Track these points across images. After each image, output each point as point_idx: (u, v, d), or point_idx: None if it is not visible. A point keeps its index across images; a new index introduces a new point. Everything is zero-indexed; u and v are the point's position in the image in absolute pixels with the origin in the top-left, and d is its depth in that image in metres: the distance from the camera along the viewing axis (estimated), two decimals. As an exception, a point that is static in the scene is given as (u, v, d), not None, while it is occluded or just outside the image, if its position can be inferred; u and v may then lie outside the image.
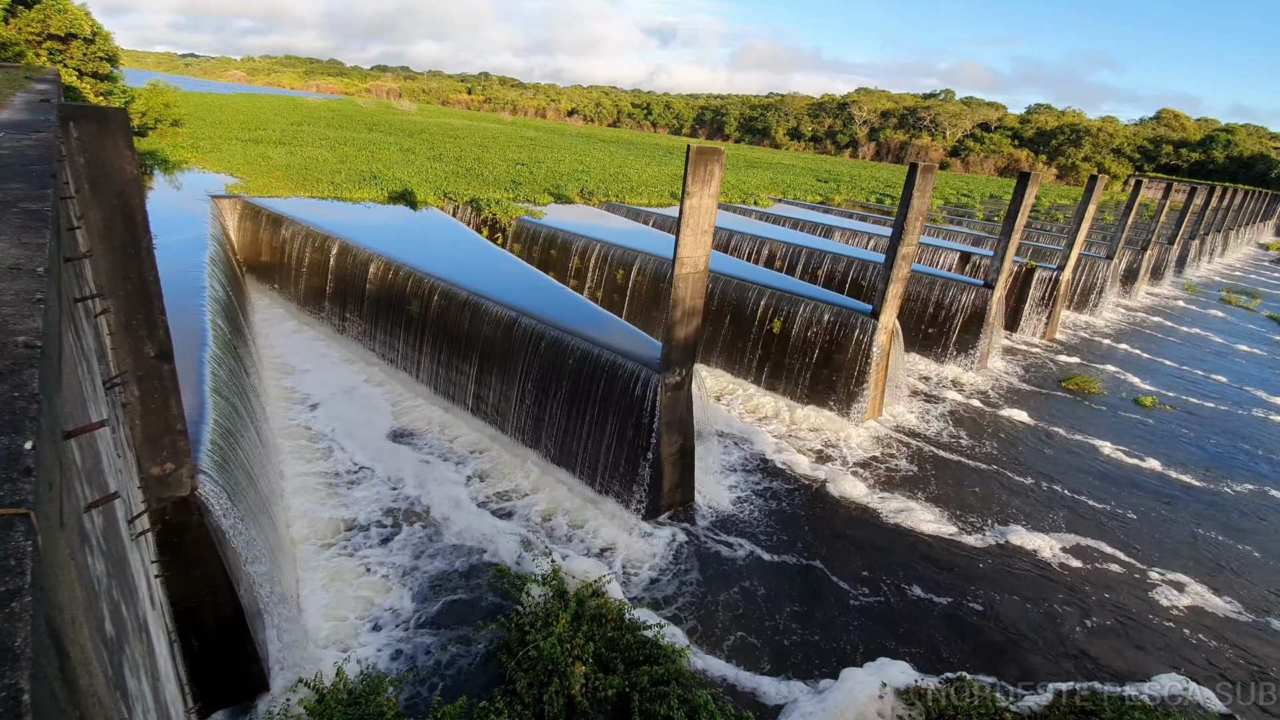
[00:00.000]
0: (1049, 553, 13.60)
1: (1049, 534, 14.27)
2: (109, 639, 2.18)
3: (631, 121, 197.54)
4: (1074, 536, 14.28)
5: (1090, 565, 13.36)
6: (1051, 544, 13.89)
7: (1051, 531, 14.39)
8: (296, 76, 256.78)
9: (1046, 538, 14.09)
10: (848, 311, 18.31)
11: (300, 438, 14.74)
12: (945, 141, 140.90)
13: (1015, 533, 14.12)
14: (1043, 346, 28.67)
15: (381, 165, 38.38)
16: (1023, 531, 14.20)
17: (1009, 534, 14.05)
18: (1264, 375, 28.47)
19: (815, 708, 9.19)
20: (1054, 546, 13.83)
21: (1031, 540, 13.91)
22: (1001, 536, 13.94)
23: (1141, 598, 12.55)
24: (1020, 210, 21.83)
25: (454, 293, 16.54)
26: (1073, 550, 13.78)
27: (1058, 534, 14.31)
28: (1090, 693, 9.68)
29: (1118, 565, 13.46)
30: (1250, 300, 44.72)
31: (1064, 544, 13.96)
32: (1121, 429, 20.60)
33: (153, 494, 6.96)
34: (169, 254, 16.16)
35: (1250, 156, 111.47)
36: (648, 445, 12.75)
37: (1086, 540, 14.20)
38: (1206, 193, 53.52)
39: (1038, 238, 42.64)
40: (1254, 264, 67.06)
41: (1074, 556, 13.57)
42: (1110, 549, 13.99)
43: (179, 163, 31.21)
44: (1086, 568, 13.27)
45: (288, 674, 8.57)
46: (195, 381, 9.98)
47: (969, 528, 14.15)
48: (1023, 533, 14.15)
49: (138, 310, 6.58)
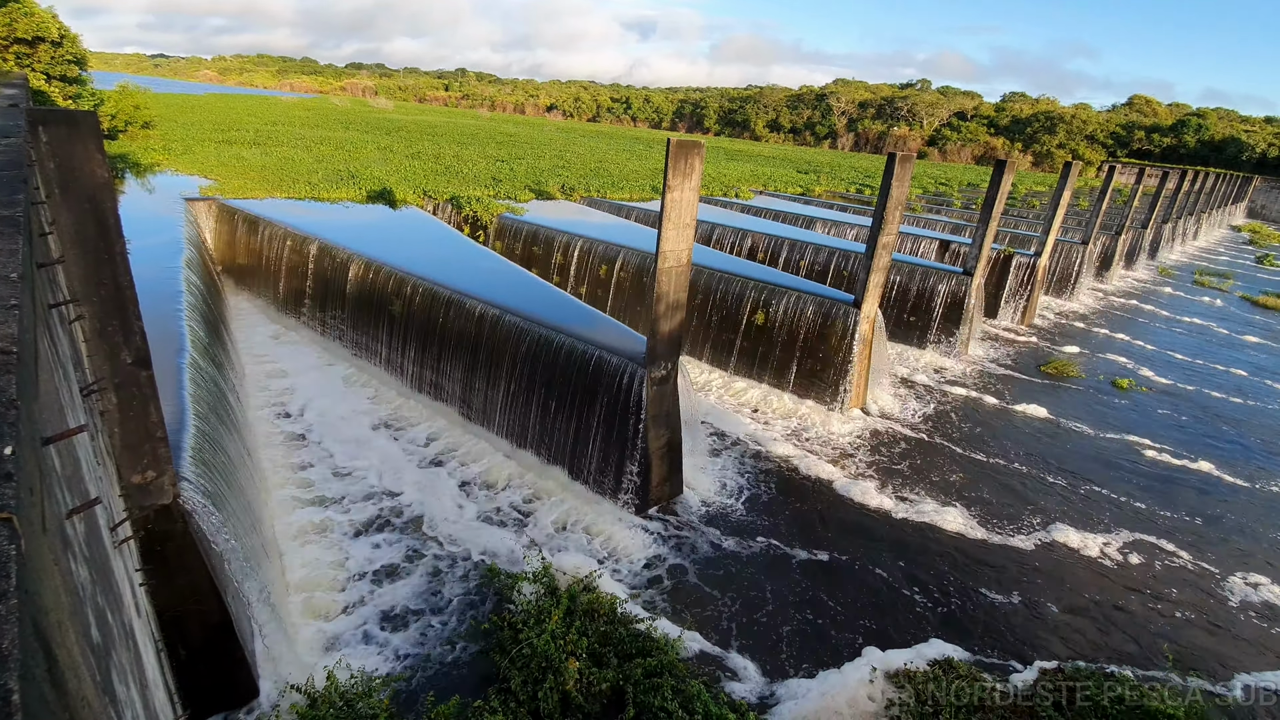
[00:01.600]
0: (1030, 535, 13.85)
1: (1030, 516, 14.53)
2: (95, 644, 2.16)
3: (611, 116, 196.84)
4: (1054, 518, 14.56)
5: (1071, 545, 13.62)
6: (1032, 525, 14.15)
7: (1032, 514, 14.65)
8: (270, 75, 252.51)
9: (1028, 520, 14.36)
10: (830, 302, 18.45)
11: (284, 442, 14.59)
12: (923, 131, 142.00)
13: (996, 515, 14.36)
14: (1022, 332, 29.10)
15: (359, 164, 37.94)
16: (1004, 515, 14.45)
17: (990, 517, 14.29)
18: (1237, 355, 29.12)
19: (806, 693, 9.31)
20: (1034, 528, 14.08)
21: (1012, 523, 14.17)
22: (983, 520, 14.16)
23: (1121, 577, 12.83)
24: (997, 198, 22.09)
25: (437, 292, 16.43)
26: (1053, 531, 14.04)
27: (1038, 516, 14.58)
28: (1074, 670, 9.89)
29: (1099, 545, 13.73)
30: (1223, 281, 45.65)
31: (1044, 525, 14.23)
32: (1100, 411, 20.99)
33: (134, 502, 6.86)
34: (143, 259, 15.88)
35: (1221, 140, 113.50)
36: (635, 440, 12.78)
37: (1066, 522, 14.47)
38: (1179, 177, 54.50)
39: (1015, 224, 43.18)
40: (1226, 246, 68.46)
41: (1054, 537, 13.83)
42: (1090, 530, 14.28)
43: (151, 165, 30.63)
44: (1067, 548, 13.53)
45: (278, 680, 8.51)
46: (174, 388, 9.84)
47: (951, 514, 14.35)
48: (1004, 516, 14.40)
49: (113, 316, 6.47)
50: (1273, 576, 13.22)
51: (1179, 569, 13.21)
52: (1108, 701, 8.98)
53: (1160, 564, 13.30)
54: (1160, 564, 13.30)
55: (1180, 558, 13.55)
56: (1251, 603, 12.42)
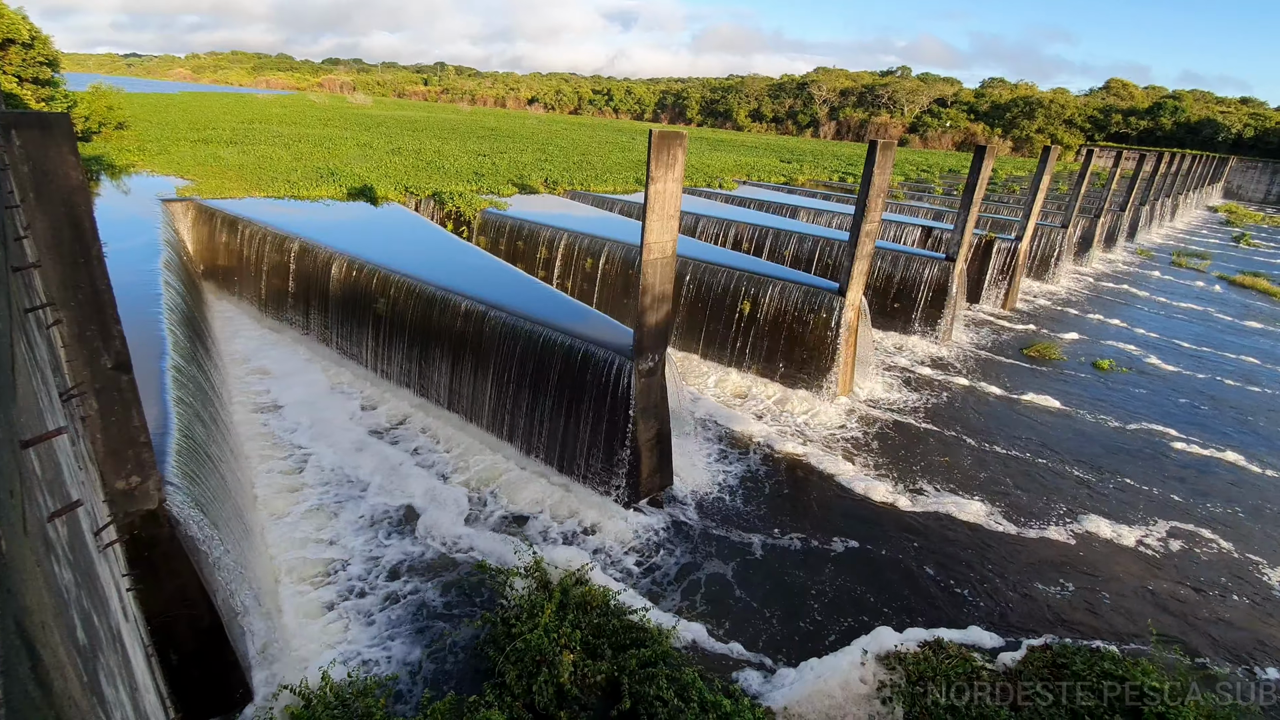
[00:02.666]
0: (1019, 515, 14.06)
1: (1016, 497, 14.75)
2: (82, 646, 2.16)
3: (593, 108, 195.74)
4: (1041, 497, 14.79)
5: (1061, 524, 13.85)
6: (1018, 506, 14.37)
7: (1018, 494, 14.87)
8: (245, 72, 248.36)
9: (1014, 500, 14.57)
10: (815, 290, 18.54)
11: (271, 443, 14.48)
12: (904, 118, 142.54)
13: (983, 497, 14.56)
14: (1004, 316, 29.41)
15: (339, 161, 37.50)
16: (990, 496, 14.66)
17: (978, 499, 14.49)
18: (1214, 334, 29.62)
19: (800, 678, 9.42)
20: (1021, 508, 14.30)
21: (1001, 504, 14.37)
22: (971, 502, 14.35)
23: (1106, 556, 13.07)
24: (978, 183, 22.27)
25: (422, 289, 16.32)
26: (1041, 511, 14.27)
27: (1025, 496, 14.81)
28: (1062, 647, 10.09)
29: (1087, 524, 13.98)
30: (1200, 262, 46.34)
31: (1031, 505, 14.45)
32: (1081, 392, 21.30)
33: (120, 508, 6.80)
34: (121, 261, 15.65)
35: (1197, 122, 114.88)
36: (624, 432, 12.81)
37: (1055, 500, 14.71)
38: (1155, 159, 55.15)
39: (996, 210, 43.54)
40: (1204, 226, 69.47)
41: (1047, 523, 14.05)
42: (1077, 508, 14.52)
43: (126, 166, 30.11)
44: (1058, 528, 13.76)
45: (272, 681, 8.48)
46: (156, 392, 9.73)
47: (939, 496, 14.54)
48: (990, 497, 14.60)
49: (91, 321, 6.39)
50: (1246, 543, 13.53)
51: (1163, 540, 13.47)
52: (1094, 677, 9.17)
53: (1144, 535, 13.55)
54: (1144, 535, 13.55)
55: (1161, 527, 13.81)
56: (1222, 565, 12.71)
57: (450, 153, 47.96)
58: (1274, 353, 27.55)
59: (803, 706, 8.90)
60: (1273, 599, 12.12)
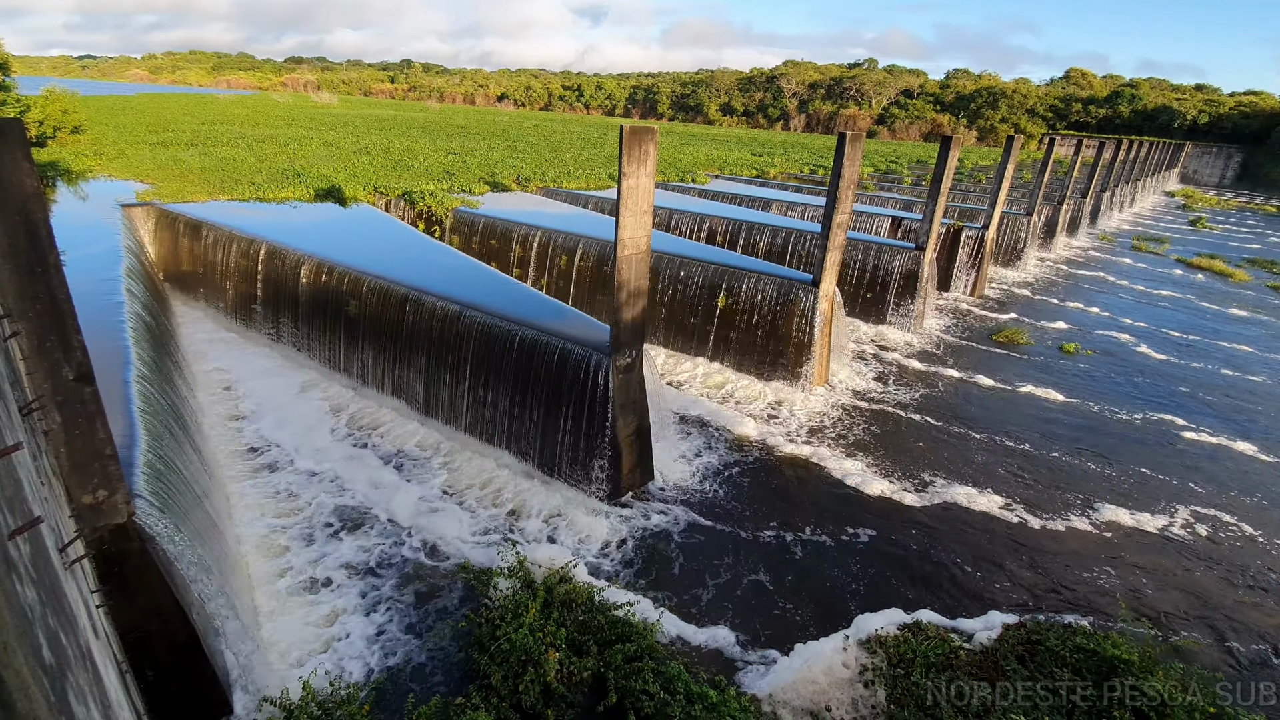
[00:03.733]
0: (996, 497, 14.37)
1: (990, 481, 15.08)
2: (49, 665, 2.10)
3: (564, 104, 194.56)
4: (1012, 478, 15.14)
5: (1034, 503, 14.19)
6: (993, 490, 14.68)
7: (991, 479, 15.20)
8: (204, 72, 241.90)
9: (989, 483, 14.89)
10: (790, 282, 18.70)
11: (243, 451, 14.20)
12: (871, 110, 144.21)
13: (957, 483, 14.86)
14: (973, 303, 29.99)
15: (305, 162, 36.77)
16: (965, 480, 14.96)
17: (952, 485, 14.77)
18: (1173, 316, 30.56)
19: (785, 666, 9.54)
20: (996, 493, 14.62)
21: (973, 488, 14.67)
22: (946, 487, 14.63)
23: (1073, 534, 13.44)
24: (945, 173, 22.63)
25: (394, 290, 16.11)
26: (1015, 495, 14.61)
27: (997, 481, 15.14)
28: (1035, 623, 10.36)
29: (1056, 501, 14.34)
30: (1159, 246, 47.71)
31: (1007, 490, 14.78)
32: (1049, 375, 21.84)
33: (87, 523, 6.62)
34: (80, 270, 15.18)
35: (1154, 109, 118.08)
36: (604, 429, 12.81)
37: (1027, 479, 15.07)
38: (1114, 146, 56.58)
39: (963, 199, 44.33)
40: (1162, 211, 71.49)
41: (1016, 501, 14.39)
42: (1049, 487, 14.89)
43: (83, 172, 29.16)
44: (1029, 509, 14.09)
45: (252, 694, 8.34)
46: (122, 403, 9.48)
47: (916, 482, 14.80)
48: (965, 481, 14.90)
49: (50, 331, 6.20)
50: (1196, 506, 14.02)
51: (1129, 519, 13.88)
52: (1067, 651, 9.44)
53: (1107, 510, 13.95)
54: (1107, 510, 13.95)
55: (1123, 499, 14.24)
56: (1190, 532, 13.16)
57: (420, 151, 47.33)
58: (1225, 330, 28.51)
59: (787, 693, 9.02)
60: (1226, 560, 12.57)
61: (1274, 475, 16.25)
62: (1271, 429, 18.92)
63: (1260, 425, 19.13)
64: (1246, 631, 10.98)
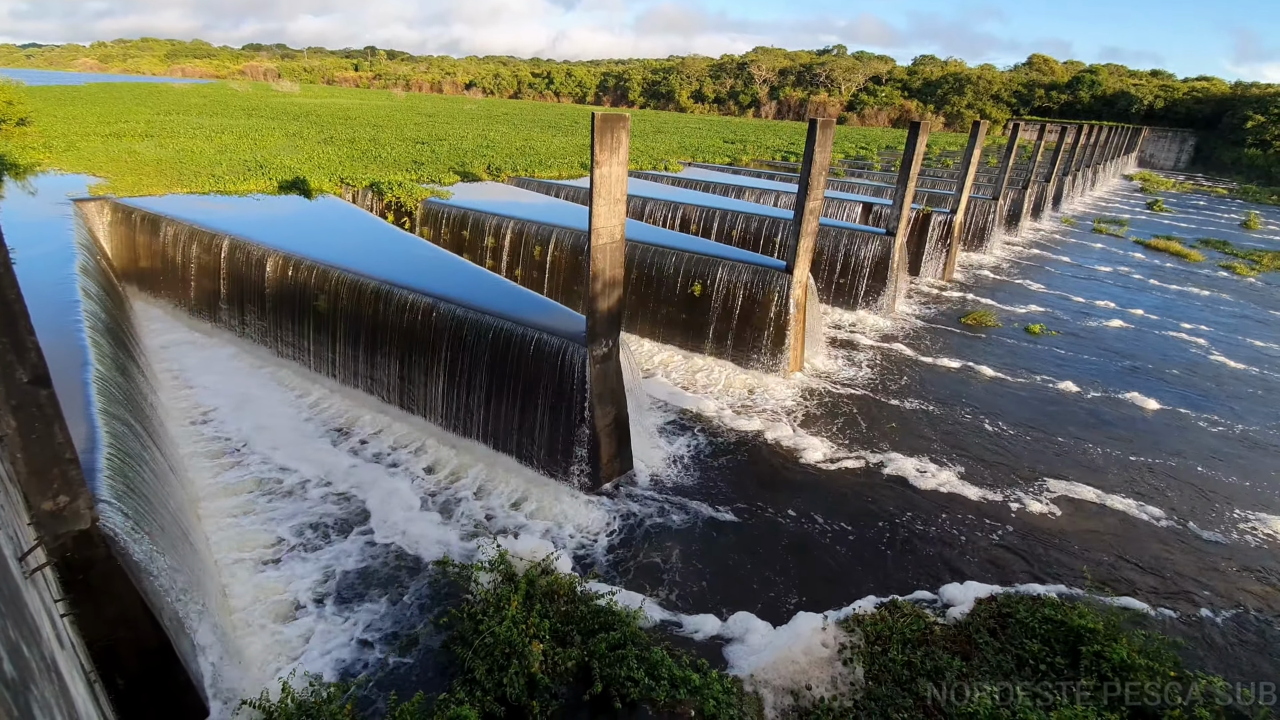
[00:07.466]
0: (966, 475, 14.70)
1: (960, 459, 15.41)
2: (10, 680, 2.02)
3: (534, 92, 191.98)
4: (985, 457, 15.50)
5: (1003, 481, 14.56)
6: (964, 468, 15.02)
7: (962, 457, 15.54)
8: (157, 60, 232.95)
9: (959, 461, 15.22)
10: (764, 269, 18.79)
11: (211, 452, 13.85)
12: (841, 96, 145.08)
13: (931, 461, 15.16)
14: (943, 287, 30.50)
15: (267, 153, 35.76)
16: (937, 459, 15.28)
17: (927, 464, 15.08)
18: (1134, 295, 31.46)
19: (765, 647, 9.68)
20: (968, 469, 14.96)
21: (944, 467, 14.99)
22: (921, 466, 14.92)
23: (1041, 508, 13.83)
24: (913, 159, 22.89)
25: (364, 284, 15.80)
26: (984, 472, 14.96)
27: (968, 459, 15.48)
28: (1006, 596, 10.66)
29: (1026, 477, 14.73)
30: (1119, 228, 48.99)
31: (977, 467, 15.13)
32: (1015, 357, 22.36)
33: (48, 530, 6.40)
34: (32, 268, 14.59)
35: (1113, 94, 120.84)
36: (582, 419, 12.78)
37: (999, 458, 15.44)
38: (1076, 131, 57.84)
39: (932, 184, 44.92)
40: (1121, 194, 73.36)
41: (985, 478, 14.74)
42: (1018, 464, 15.28)
43: (30, 166, 27.95)
44: (999, 486, 14.45)
45: (229, 697, 8.19)
46: (81, 405, 9.17)
47: (890, 462, 15.06)
48: (937, 461, 15.22)
49: (2, 334, 5.94)
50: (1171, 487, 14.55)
51: (1094, 498, 14.32)
52: (1036, 623, 9.75)
53: (1077, 495, 14.38)
54: (1077, 495, 14.38)
55: (1089, 474, 14.69)
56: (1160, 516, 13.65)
57: (387, 141, 46.34)
58: (1183, 309, 29.47)
59: (769, 673, 9.16)
60: (1188, 534, 13.07)
61: (1230, 445, 16.90)
62: (1227, 402, 19.66)
63: (1217, 399, 19.86)
64: (1208, 594, 11.44)
